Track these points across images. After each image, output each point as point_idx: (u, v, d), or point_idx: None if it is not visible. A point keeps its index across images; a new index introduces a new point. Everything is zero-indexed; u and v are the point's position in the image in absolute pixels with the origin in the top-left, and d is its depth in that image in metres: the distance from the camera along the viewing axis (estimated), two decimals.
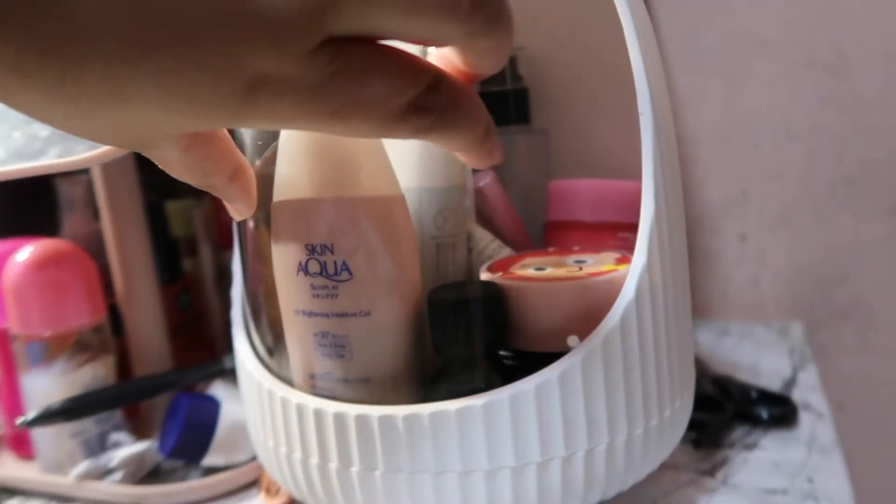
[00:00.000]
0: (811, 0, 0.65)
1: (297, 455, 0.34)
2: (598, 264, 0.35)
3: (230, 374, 0.47)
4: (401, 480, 0.32)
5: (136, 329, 0.51)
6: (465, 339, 0.33)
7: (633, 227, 0.33)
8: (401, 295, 0.32)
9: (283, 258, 0.33)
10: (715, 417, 0.46)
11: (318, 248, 0.31)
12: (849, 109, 0.66)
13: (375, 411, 0.31)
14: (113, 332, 0.51)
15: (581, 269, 0.34)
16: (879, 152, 0.66)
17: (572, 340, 0.32)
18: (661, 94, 0.35)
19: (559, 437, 0.31)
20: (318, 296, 0.32)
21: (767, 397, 0.49)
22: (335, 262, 0.31)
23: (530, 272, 0.34)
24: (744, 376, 0.53)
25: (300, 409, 0.33)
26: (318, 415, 0.33)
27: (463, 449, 0.31)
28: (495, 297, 0.33)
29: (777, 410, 0.47)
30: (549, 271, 0.34)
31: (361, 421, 0.32)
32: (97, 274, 0.49)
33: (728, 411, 0.47)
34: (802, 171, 0.68)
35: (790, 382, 0.54)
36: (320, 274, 0.32)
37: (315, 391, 0.34)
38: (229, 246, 0.50)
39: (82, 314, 0.47)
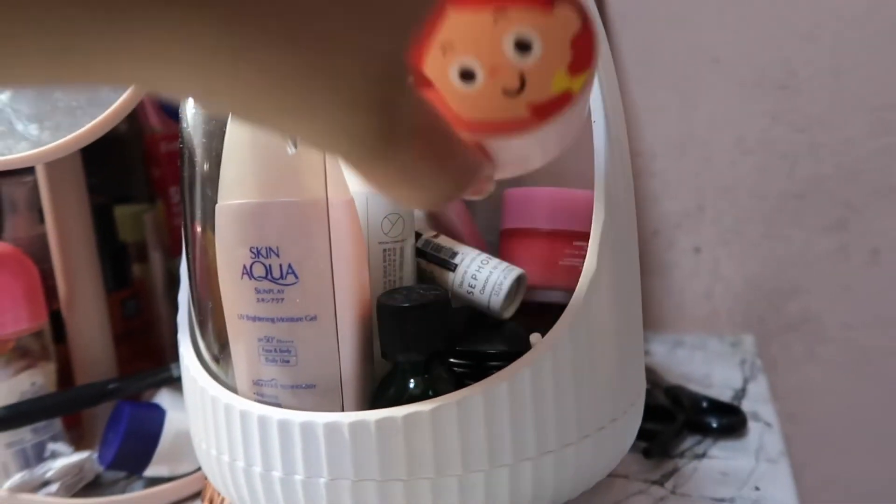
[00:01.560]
0: (761, 19, 0.67)
1: (240, 464, 0.33)
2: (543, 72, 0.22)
3: (177, 383, 0.46)
4: (345, 489, 0.31)
5: (79, 336, 0.49)
6: (414, 345, 0.32)
7: (588, 237, 0.33)
8: (348, 299, 0.32)
9: (228, 261, 0.32)
10: (666, 427, 0.46)
11: (264, 251, 0.31)
12: (798, 126, 0.68)
13: (321, 418, 0.31)
14: (55, 339, 0.49)
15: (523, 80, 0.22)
16: (827, 167, 0.68)
17: (534, 337, 0.32)
18: (614, 104, 0.36)
19: (507, 444, 0.31)
20: (262, 300, 0.31)
21: (718, 407, 0.50)
22: (281, 266, 0.31)
23: (453, 80, 0.23)
24: (696, 387, 0.54)
25: (244, 416, 0.32)
26: (262, 422, 0.32)
27: (410, 457, 0.30)
28: (445, 302, 0.33)
29: (727, 420, 0.47)
30: (481, 77, 0.23)
31: (306, 428, 0.31)
32: (39, 278, 0.47)
33: (679, 421, 0.47)
34: (754, 185, 0.70)
35: (740, 393, 0.54)
36: (265, 277, 0.31)
37: (260, 398, 0.33)
38: (181, 252, 0.49)
39: (21, 319, 0.45)
